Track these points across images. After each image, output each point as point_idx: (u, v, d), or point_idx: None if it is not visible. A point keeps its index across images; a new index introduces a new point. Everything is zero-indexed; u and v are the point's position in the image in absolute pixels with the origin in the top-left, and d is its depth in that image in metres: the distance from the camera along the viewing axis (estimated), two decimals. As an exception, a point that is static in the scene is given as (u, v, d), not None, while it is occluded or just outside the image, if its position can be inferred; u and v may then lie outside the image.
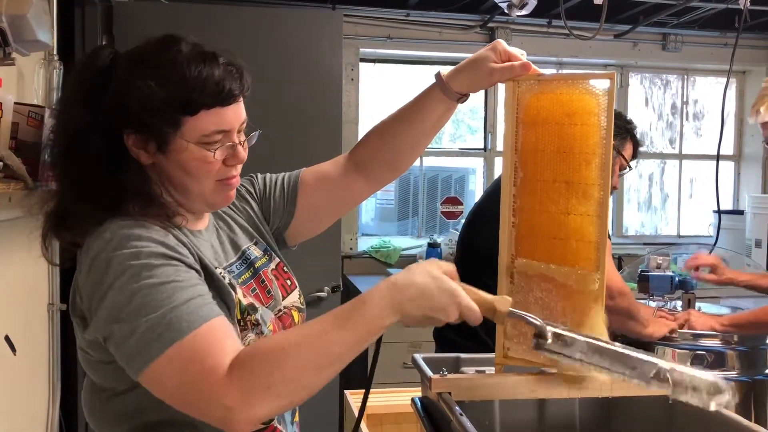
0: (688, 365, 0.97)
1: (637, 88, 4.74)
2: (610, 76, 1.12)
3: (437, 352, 2.26)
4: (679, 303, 2.25)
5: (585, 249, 1.12)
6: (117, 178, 1.06)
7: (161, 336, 0.94)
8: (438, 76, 1.23)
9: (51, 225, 1.10)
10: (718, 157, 2.39)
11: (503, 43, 1.18)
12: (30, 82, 2.06)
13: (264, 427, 1.13)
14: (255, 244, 1.28)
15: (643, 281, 2.32)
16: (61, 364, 2.42)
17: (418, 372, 1.24)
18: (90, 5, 2.88)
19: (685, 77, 4.77)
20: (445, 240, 4.09)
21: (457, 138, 4.68)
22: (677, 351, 1.95)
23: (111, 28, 2.89)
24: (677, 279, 2.30)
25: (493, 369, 1.18)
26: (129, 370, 0.98)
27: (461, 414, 1.04)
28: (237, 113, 1.09)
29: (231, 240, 1.24)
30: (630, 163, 2.21)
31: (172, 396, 0.96)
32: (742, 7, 2.45)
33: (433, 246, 3.91)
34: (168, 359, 0.94)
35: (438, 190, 4.54)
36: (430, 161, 4.52)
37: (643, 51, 4.46)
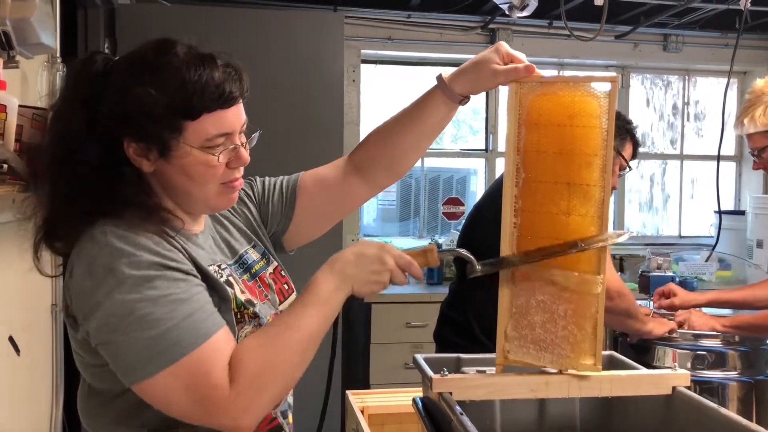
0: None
1: (638, 88, 4.75)
2: (613, 79, 1.12)
3: (437, 353, 2.26)
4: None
5: (587, 251, 1.12)
6: (114, 189, 1.05)
7: (163, 352, 0.96)
8: (440, 78, 1.23)
9: (42, 235, 1.08)
10: (719, 158, 2.39)
11: (506, 45, 1.18)
12: (34, 84, 2.07)
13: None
14: (253, 247, 1.28)
15: (644, 281, 2.33)
16: (65, 364, 2.43)
17: (419, 372, 1.25)
18: (92, 8, 2.89)
19: (686, 78, 4.77)
20: (447, 241, 4.10)
21: (459, 139, 4.68)
22: (678, 351, 1.95)
23: (113, 30, 2.90)
24: (677, 279, 2.31)
25: (494, 369, 1.19)
26: (124, 379, 0.99)
27: (462, 414, 1.05)
28: (238, 115, 1.09)
29: (228, 244, 1.23)
30: (630, 164, 2.21)
31: (172, 408, 0.99)
32: (742, 8, 2.45)
33: (435, 247, 3.92)
34: (171, 375, 0.96)
35: (439, 190, 4.54)
36: (431, 162, 4.52)
37: (644, 52, 4.47)
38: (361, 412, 1.63)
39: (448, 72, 1.23)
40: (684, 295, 2.15)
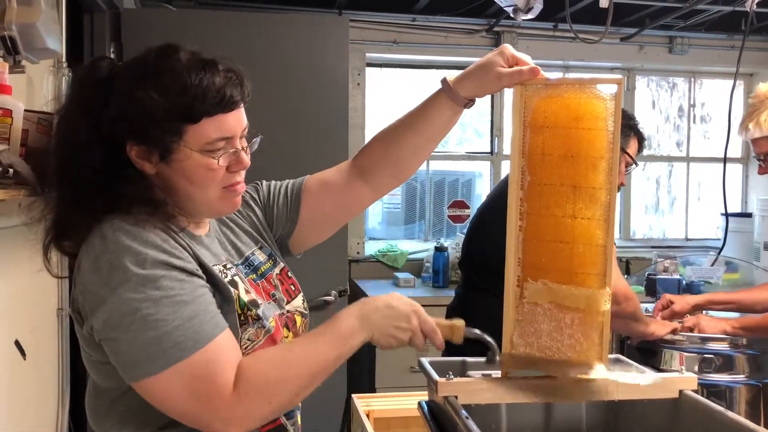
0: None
1: (644, 90, 4.73)
2: (618, 81, 1.12)
3: (442, 356, 2.26)
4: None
5: (591, 253, 1.12)
6: (119, 189, 1.06)
7: (166, 352, 0.98)
8: (444, 81, 1.23)
9: (52, 237, 1.10)
10: (725, 160, 2.39)
11: (510, 48, 1.18)
12: (39, 89, 2.08)
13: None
14: (260, 248, 1.28)
15: (651, 284, 2.32)
16: (71, 368, 2.43)
17: (424, 376, 1.24)
18: (98, 12, 2.89)
19: (692, 80, 4.76)
20: (452, 244, 4.09)
21: (464, 141, 4.68)
22: (685, 354, 1.94)
23: (119, 35, 2.90)
24: (684, 283, 2.30)
25: (500, 373, 1.18)
26: (125, 375, 1.01)
27: (467, 417, 1.05)
28: (239, 119, 1.10)
29: (234, 245, 1.24)
30: (636, 160, 2.19)
31: (170, 407, 1.01)
32: (748, 10, 2.44)
33: (440, 250, 3.91)
34: (173, 375, 0.98)
35: (445, 193, 4.54)
36: (436, 165, 4.52)
37: (650, 54, 4.46)
38: (367, 415, 1.63)
39: (452, 75, 1.24)
40: (680, 300, 2.14)
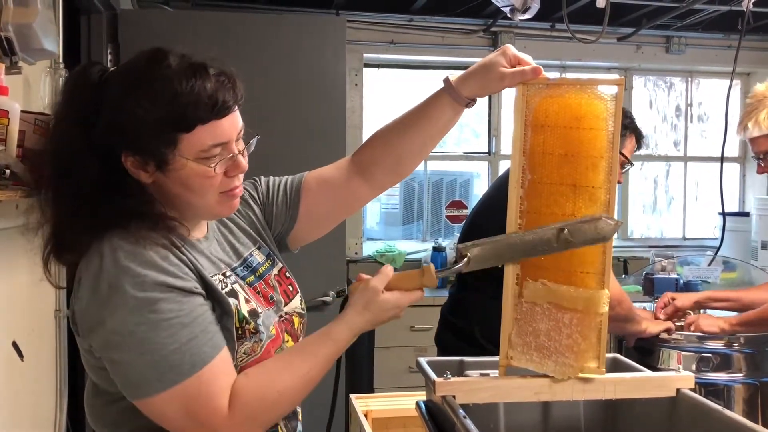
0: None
1: (641, 90, 4.74)
2: (619, 82, 1.12)
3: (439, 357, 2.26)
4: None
5: (590, 252, 1.12)
6: (116, 200, 1.05)
7: (163, 376, 0.99)
8: (446, 80, 1.23)
9: (51, 249, 1.09)
10: (722, 159, 2.39)
11: (512, 48, 1.18)
12: (36, 90, 2.07)
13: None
14: (258, 248, 1.28)
15: (648, 284, 2.32)
16: (68, 370, 2.43)
17: (422, 376, 1.24)
18: (95, 13, 2.89)
19: (689, 79, 4.77)
20: (450, 244, 4.09)
21: (462, 142, 4.68)
22: (682, 353, 1.94)
23: (116, 35, 2.90)
24: (682, 282, 2.30)
25: (497, 372, 1.18)
26: (124, 393, 1.03)
27: (465, 417, 1.05)
28: (233, 123, 1.08)
29: (232, 246, 1.24)
30: (630, 160, 2.20)
31: (168, 426, 1.04)
32: (745, 9, 2.44)
33: (438, 250, 3.92)
34: (169, 397, 1.00)
35: (443, 193, 4.54)
36: (434, 165, 4.52)
37: (647, 54, 4.47)
38: (365, 416, 1.63)
39: (454, 75, 1.23)
40: (681, 295, 2.15)
